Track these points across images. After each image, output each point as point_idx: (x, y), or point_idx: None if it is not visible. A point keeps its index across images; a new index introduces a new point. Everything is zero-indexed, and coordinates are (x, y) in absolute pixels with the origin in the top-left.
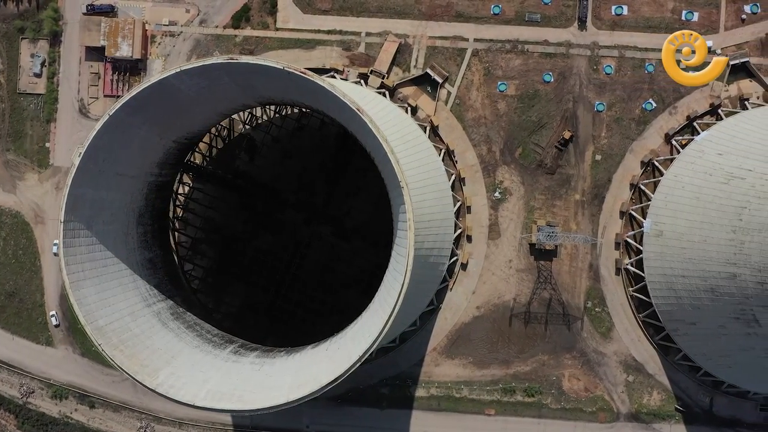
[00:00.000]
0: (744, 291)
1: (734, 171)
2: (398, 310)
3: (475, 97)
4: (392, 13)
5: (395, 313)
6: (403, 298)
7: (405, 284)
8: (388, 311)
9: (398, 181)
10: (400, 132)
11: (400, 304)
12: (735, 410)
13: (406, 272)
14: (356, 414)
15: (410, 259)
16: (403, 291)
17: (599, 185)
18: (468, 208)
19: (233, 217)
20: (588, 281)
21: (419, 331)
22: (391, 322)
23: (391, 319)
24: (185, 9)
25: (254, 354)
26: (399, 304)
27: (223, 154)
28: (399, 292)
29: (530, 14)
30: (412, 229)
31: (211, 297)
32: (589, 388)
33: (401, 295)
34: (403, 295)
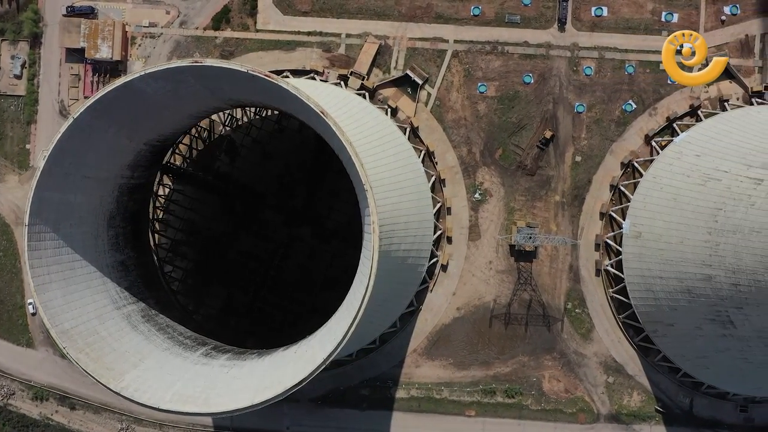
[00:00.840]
0: (719, 293)
1: (711, 172)
2: (362, 315)
3: (455, 99)
4: (372, 15)
5: (359, 318)
6: (367, 302)
7: (369, 288)
8: (353, 315)
9: (362, 183)
10: (378, 134)
11: (364, 308)
12: (715, 411)
13: (370, 276)
14: (337, 415)
15: (375, 262)
16: (367, 295)
17: (579, 186)
18: (448, 209)
19: (214, 219)
20: (568, 282)
21: (400, 332)
22: (354, 327)
23: (355, 323)
24: (165, 11)
25: (225, 356)
26: (363, 308)
27: (203, 156)
28: (363, 296)
29: (510, 15)
30: (377, 232)
31: (191, 298)
32: (569, 389)
33: (365, 300)
34: (368, 300)
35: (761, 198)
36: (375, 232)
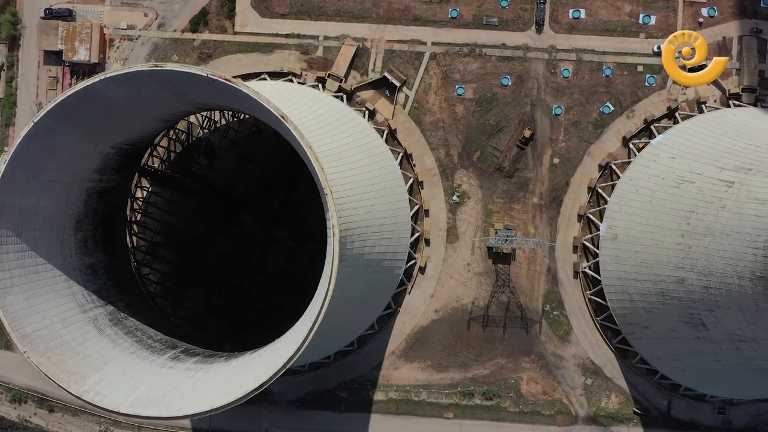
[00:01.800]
0: (691, 295)
1: (685, 175)
2: (323, 319)
3: (433, 101)
4: (350, 17)
5: (318, 323)
6: (327, 307)
7: (329, 293)
8: (313, 320)
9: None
10: (354, 136)
11: (323, 313)
12: (693, 413)
13: (330, 280)
14: (315, 417)
15: (334, 267)
16: (327, 300)
17: (557, 188)
18: (426, 211)
19: (192, 222)
20: (546, 284)
21: (378, 334)
22: (314, 332)
23: (314, 328)
24: (143, 13)
25: (193, 360)
26: (323, 313)
27: (181, 159)
28: (323, 301)
29: (488, 18)
30: (336, 236)
31: (170, 301)
32: (547, 391)
33: (325, 305)
34: (327, 305)
35: (731, 201)
36: (335, 236)
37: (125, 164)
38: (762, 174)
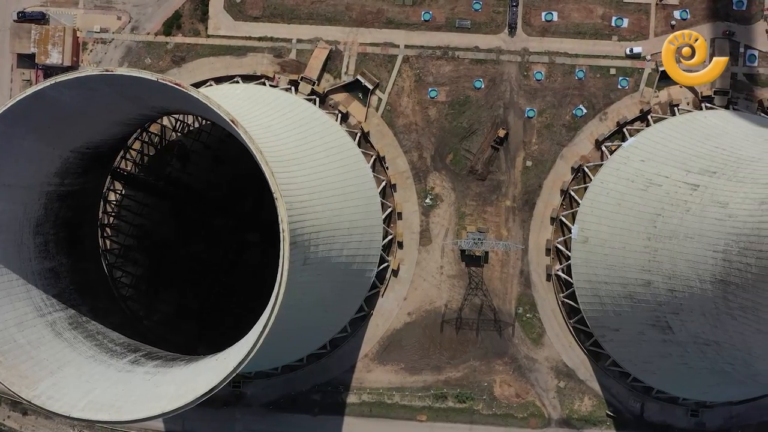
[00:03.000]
0: (657, 298)
1: (653, 177)
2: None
3: (406, 104)
4: (323, 20)
5: (269, 328)
6: (277, 312)
7: (280, 297)
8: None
9: (273, 192)
10: (323, 139)
11: (274, 318)
12: (666, 416)
13: (280, 285)
14: (288, 420)
15: (284, 271)
16: (278, 305)
17: (530, 191)
18: (399, 214)
19: (166, 225)
20: (519, 287)
21: (351, 337)
22: (264, 337)
23: (265, 332)
24: (117, 16)
25: (153, 363)
26: (273, 318)
27: (155, 162)
28: (272, 306)
29: (460, 21)
30: (287, 240)
31: (143, 304)
32: (520, 393)
33: (275, 310)
34: (278, 309)
35: (695, 204)
36: (285, 240)
37: (90, 168)
38: (725, 177)
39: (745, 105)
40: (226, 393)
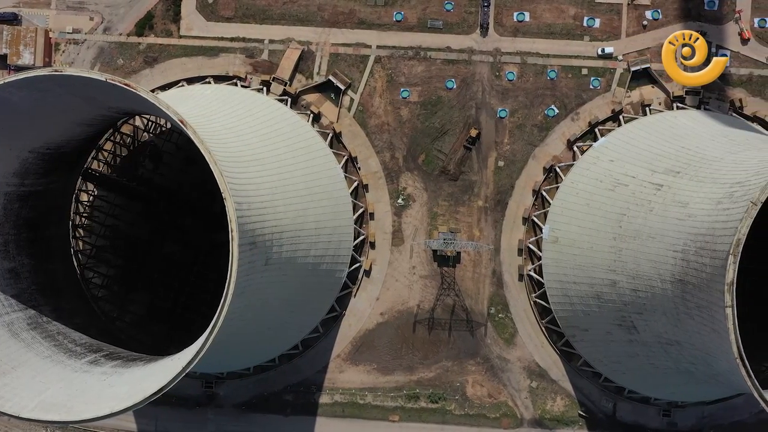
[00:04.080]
0: (622, 298)
1: (621, 177)
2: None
3: (378, 104)
4: (295, 21)
5: (218, 328)
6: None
7: (229, 296)
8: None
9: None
10: (290, 140)
11: (224, 316)
12: (638, 416)
13: (229, 285)
14: (261, 421)
15: (234, 272)
16: (227, 304)
17: (502, 191)
18: (371, 214)
19: (138, 225)
20: (491, 287)
21: (323, 337)
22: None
23: (214, 333)
24: (89, 17)
25: (112, 363)
26: (222, 317)
27: (127, 162)
28: (222, 304)
29: (432, 21)
30: (236, 240)
31: (115, 305)
32: (492, 394)
33: (224, 309)
34: (227, 308)
35: (658, 204)
36: (234, 240)
37: (53, 168)
38: (688, 177)
39: (717, 105)
40: (198, 393)
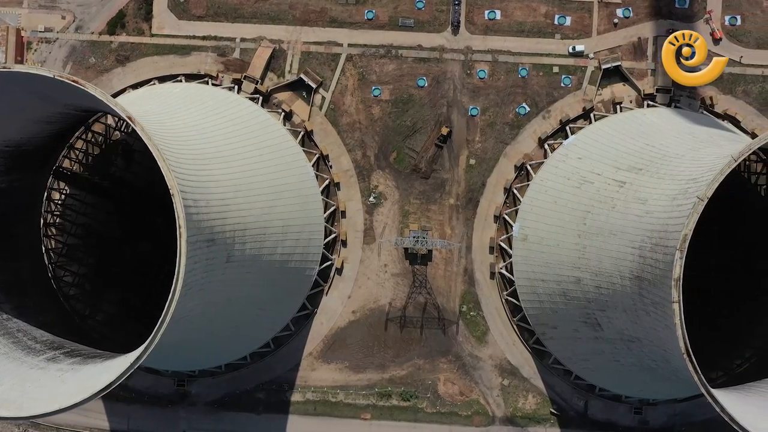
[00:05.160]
0: (586, 295)
1: (587, 175)
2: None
3: (350, 102)
4: (266, 19)
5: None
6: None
7: (177, 293)
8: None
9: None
10: (257, 138)
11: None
12: (610, 413)
13: (177, 281)
14: (233, 419)
15: (182, 268)
16: (176, 299)
17: (474, 189)
18: (342, 212)
19: (110, 224)
20: (463, 285)
21: (295, 335)
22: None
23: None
24: (61, 15)
25: (71, 360)
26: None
27: (99, 161)
28: (171, 300)
29: (404, 19)
30: (184, 236)
31: (87, 303)
32: (464, 392)
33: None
34: (176, 303)
35: (620, 201)
36: (182, 237)
37: (14, 166)
38: (649, 174)
39: (688, 103)
40: (170, 392)
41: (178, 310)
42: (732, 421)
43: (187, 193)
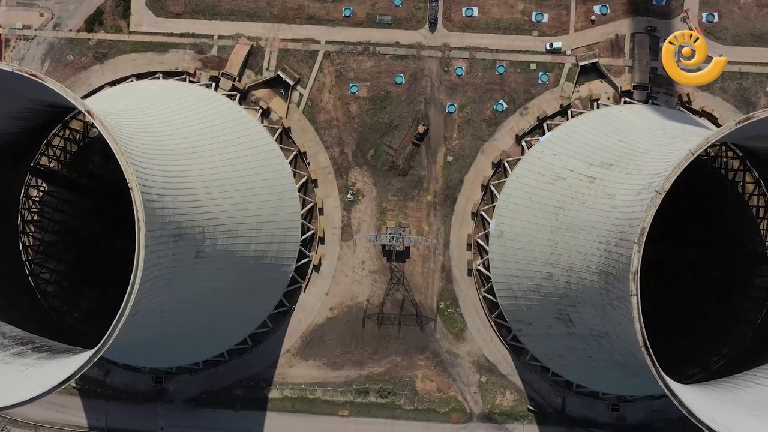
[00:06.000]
0: (558, 291)
1: (561, 171)
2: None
3: (327, 99)
4: (244, 16)
5: (123, 322)
6: (132, 305)
7: (136, 286)
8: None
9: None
10: (233, 134)
11: (129, 309)
12: (587, 410)
13: (136, 275)
14: (211, 416)
15: (141, 261)
16: (134, 293)
17: (451, 186)
18: (320, 209)
19: (88, 221)
20: (440, 282)
21: (272, 332)
22: (120, 328)
23: (121, 322)
24: (39, 13)
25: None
26: (130, 305)
27: (77, 158)
28: (129, 293)
29: (381, 16)
30: (143, 230)
31: (65, 301)
32: (442, 388)
33: (132, 296)
34: (133, 302)
35: (590, 196)
36: (141, 230)
37: None
38: (619, 169)
39: (665, 100)
40: (148, 389)
41: (144, 305)
42: (690, 415)
43: (151, 188)
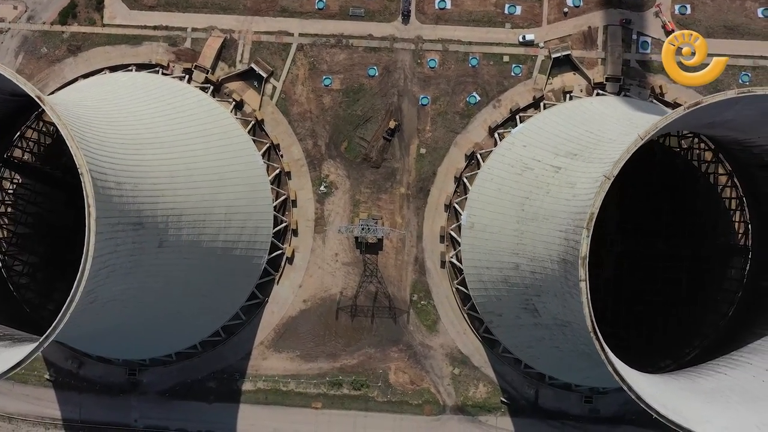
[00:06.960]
0: (524, 281)
1: (528, 162)
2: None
3: (301, 92)
4: (217, 9)
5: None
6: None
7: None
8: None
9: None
10: (204, 126)
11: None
12: (560, 402)
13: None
14: (184, 408)
15: (91, 247)
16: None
17: (424, 179)
18: (293, 202)
19: (62, 213)
20: (414, 274)
21: (246, 324)
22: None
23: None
24: (13, 6)
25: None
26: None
27: (51, 151)
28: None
29: (354, 9)
30: (93, 215)
31: (38, 293)
32: (415, 381)
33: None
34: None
35: (555, 186)
36: (91, 215)
37: None
38: (582, 159)
39: (638, 92)
40: (122, 381)
41: (103, 293)
42: (639, 399)
43: (108, 175)
